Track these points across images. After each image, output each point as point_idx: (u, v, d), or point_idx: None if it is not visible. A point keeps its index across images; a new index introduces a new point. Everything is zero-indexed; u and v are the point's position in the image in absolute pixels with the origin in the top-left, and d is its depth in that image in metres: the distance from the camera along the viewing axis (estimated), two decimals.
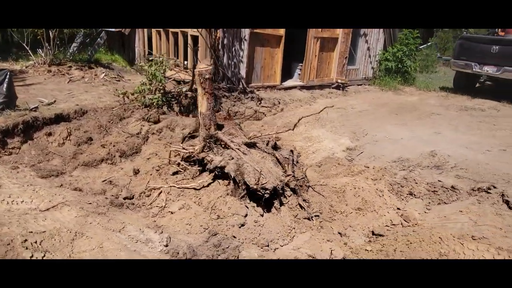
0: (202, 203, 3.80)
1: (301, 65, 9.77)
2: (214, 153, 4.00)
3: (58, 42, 8.46)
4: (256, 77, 8.25)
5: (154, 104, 5.44)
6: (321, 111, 4.12)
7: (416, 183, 4.66)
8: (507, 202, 3.97)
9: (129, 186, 4.18)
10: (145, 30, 9.83)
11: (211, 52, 7.14)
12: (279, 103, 7.97)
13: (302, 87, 9.32)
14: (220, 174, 3.88)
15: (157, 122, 5.45)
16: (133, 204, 3.87)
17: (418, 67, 12.23)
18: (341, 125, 7.22)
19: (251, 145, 4.11)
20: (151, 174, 4.39)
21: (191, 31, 8.29)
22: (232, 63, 7.52)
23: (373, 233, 3.71)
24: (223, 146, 4.02)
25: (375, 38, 11.06)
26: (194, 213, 3.53)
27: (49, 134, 4.82)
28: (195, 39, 8.54)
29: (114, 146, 4.91)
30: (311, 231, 3.72)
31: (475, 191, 4.27)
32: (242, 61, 7.68)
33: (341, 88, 10.12)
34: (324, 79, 9.91)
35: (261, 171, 3.45)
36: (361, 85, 11.14)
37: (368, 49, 10.95)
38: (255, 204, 3.57)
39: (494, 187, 4.20)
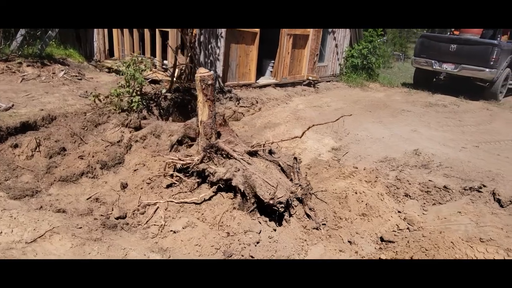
0: (206, 219, 3.52)
1: (273, 62, 9.62)
2: (215, 164, 3.72)
3: (2, 34, 7.47)
4: (231, 75, 7.96)
5: (134, 108, 4.96)
6: (337, 119, 3.97)
7: (410, 183, 4.74)
8: (498, 201, 4.17)
9: (119, 203, 3.76)
10: None
11: (187, 49, 6.72)
12: (257, 102, 7.77)
13: (276, 85, 9.19)
14: (224, 186, 3.61)
15: (138, 128, 4.99)
16: (128, 224, 3.48)
17: (381, 63, 12.65)
18: (322, 125, 7.20)
19: (253, 153, 3.88)
20: (141, 188, 4.00)
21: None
22: (209, 61, 7.16)
23: (382, 240, 3.68)
24: (224, 155, 3.75)
25: (342, 35, 11.22)
26: (201, 232, 3.25)
27: (15, 146, 4.19)
28: (164, 34, 8.03)
29: (93, 156, 4.41)
30: (321, 241, 3.61)
31: (466, 190, 4.44)
32: (218, 59, 7.34)
33: (312, 85, 10.15)
34: (296, 76, 9.87)
35: (277, 186, 3.25)
36: (329, 81, 11.28)
37: (336, 46, 11.10)
38: (267, 219, 3.37)
39: (484, 186, 4.40)
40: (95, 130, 4.89)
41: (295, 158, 3.98)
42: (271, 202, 3.13)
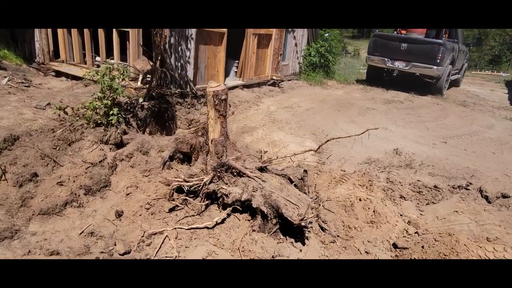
0: (224, 245, 3.24)
1: (237, 62, 9.38)
2: (225, 183, 3.45)
3: None
4: (200, 78, 7.56)
5: (113, 122, 4.41)
6: (362, 133, 3.89)
7: (402, 185, 4.90)
8: (486, 198, 4.48)
9: (119, 235, 3.31)
10: None
11: (156, 52, 6.20)
12: (230, 106, 7.49)
13: (243, 86, 8.97)
14: (238, 207, 3.36)
15: (119, 144, 4.46)
16: (135, 259, 3.08)
17: (337, 61, 13.05)
18: (298, 126, 7.18)
19: (263, 168, 3.67)
20: (140, 215, 3.56)
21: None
22: (179, 64, 6.69)
23: (395, 247, 3.73)
24: (235, 174, 3.48)
25: (300, 34, 11.32)
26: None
27: None
28: (123, 35, 7.36)
29: (74, 181, 3.84)
30: (340, 255, 3.54)
31: (455, 189, 4.70)
32: (189, 62, 6.91)
33: (276, 85, 10.10)
34: (261, 76, 9.73)
35: (299, 204, 3.09)
36: (290, 80, 11.34)
37: (296, 45, 11.16)
38: (292, 240, 3.20)
39: (471, 184, 4.69)
40: (69, 149, 4.27)
41: (305, 170, 3.85)
42: (302, 223, 2.96)
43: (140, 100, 4.88)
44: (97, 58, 8.49)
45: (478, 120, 8.58)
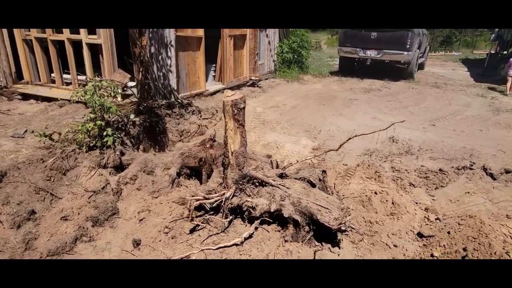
0: None
1: (214, 66, 9.15)
2: (247, 195, 3.27)
3: None
4: (182, 86, 7.28)
5: (109, 143, 4.08)
6: (387, 127, 3.82)
7: (408, 172, 4.94)
8: (491, 175, 4.60)
9: None
10: (6, 34, 7.42)
11: (136, 63, 5.87)
12: (217, 111, 7.27)
13: (225, 90, 8.75)
14: (267, 219, 3.21)
15: (118, 166, 4.14)
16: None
17: (309, 55, 13.12)
18: (289, 125, 7.10)
19: (282, 175, 3.53)
20: (160, 240, 3.31)
21: (87, 38, 6.67)
22: (161, 74, 6.38)
23: (421, 236, 3.72)
24: (257, 184, 3.32)
25: (272, 31, 11.25)
26: None
27: None
28: (93, 47, 6.94)
29: (79, 214, 3.51)
30: (370, 253, 3.48)
31: (460, 170, 4.79)
32: (171, 71, 6.61)
33: (256, 85, 9.97)
34: (240, 78, 9.56)
35: (338, 209, 2.98)
36: (267, 79, 11.25)
37: (269, 43, 11.08)
38: (329, 245, 3.09)
39: (473, 163, 4.81)
40: (65, 179, 3.91)
41: (324, 171, 3.75)
42: (342, 227, 2.86)
43: (132, 116, 4.56)
44: (66, 76, 7.96)
45: (454, 100, 8.91)
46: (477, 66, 17.62)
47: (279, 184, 3.24)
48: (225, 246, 3.14)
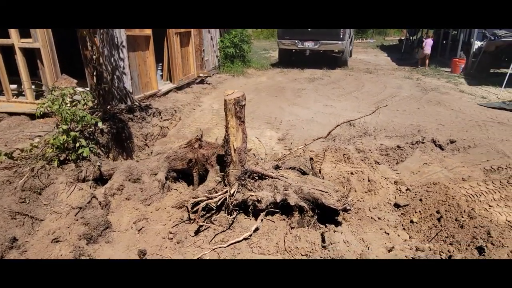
0: (269, 251, 3.20)
1: (161, 65, 8.87)
2: (249, 190, 3.37)
3: None
4: (136, 88, 6.95)
5: (85, 154, 3.79)
6: (373, 112, 4.10)
7: (371, 151, 5.43)
8: (439, 146, 5.29)
9: None
10: None
11: (89, 67, 5.47)
12: (175, 112, 7.12)
13: (177, 89, 8.55)
14: (274, 210, 3.34)
15: (98, 178, 3.89)
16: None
17: (251, 49, 13.31)
18: (250, 119, 7.23)
19: (277, 166, 3.68)
20: (166, 247, 3.25)
21: (20, 43, 6.02)
22: (115, 76, 6.03)
23: (397, 206, 4.17)
24: (256, 178, 3.42)
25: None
26: None
27: None
28: (29, 52, 6.30)
29: (69, 233, 3.25)
30: (362, 227, 3.81)
31: (414, 144, 5.42)
32: (125, 73, 6.27)
33: (204, 82, 9.89)
34: (189, 76, 9.40)
35: (334, 191, 3.23)
36: (213, 75, 11.20)
37: (211, 38, 11.02)
38: (333, 225, 3.34)
39: (424, 138, 5.47)
40: (42, 199, 3.57)
41: (311, 158, 3.98)
42: (347, 207, 3.11)
43: (100, 124, 4.28)
44: None
45: (388, 83, 9.87)
46: (394, 51, 19.57)
47: (279, 176, 3.38)
48: (236, 242, 3.21)
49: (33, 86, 5.67)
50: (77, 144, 3.86)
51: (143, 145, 5.80)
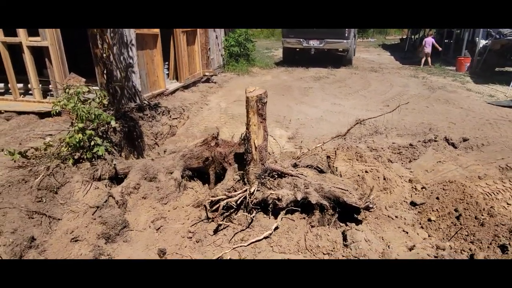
0: (290, 249, 3.17)
1: (167, 64, 8.83)
2: (268, 188, 3.34)
3: None
4: (144, 86, 6.91)
5: (101, 153, 3.76)
6: (393, 110, 4.03)
7: (383, 150, 5.40)
8: (452, 144, 5.26)
9: None
10: None
11: (99, 65, 5.44)
12: (184, 110, 7.08)
13: (183, 88, 8.51)
14: (294, 208, 3.31)
15: (113, 177, 3.86)
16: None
17: (255, 48, 13.27)
18: None
19: (295, 164, 3.65)
20: (186, 246, 3.22)
21: (28, 41, 5.98)
22: (124, 75, 5.98)
23: (414, 204, 4.14)
24: (275, 176, 3.39)
25: None
26: None
27: None
28: (37, 51, 6.26)
29: (87, 232, 3.22)
30: (380, 226, 3.79)
31: (426, 143, 5.39)
32: (134, 72, 6.23)
33: (210, 81, 9.85)
34: (195, 74, 9.36)
35: (348, 189, 3.20)
36: (218, 74, 11.16)
37: (216, 37, 10.98)
38: (353, 224, 3.31)
39: (436, 136, 5.44)
40: (58, 198, 3.54)
41: (328, 156, 3.95)
42: (370, 205, 3.08)
43: (113, 123, 4.24)
44: None
45: (394, 82, 9.84)
46: (397, 50, 19.55)
47: (299, 174, 3.35)
48: (256, 241, 3.18)
49: (40, 85, 5.62)
50: (92, 143, 3.82)
51: (153, 144, 5.76)
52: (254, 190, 3.20)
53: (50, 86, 6.66)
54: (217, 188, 3.40)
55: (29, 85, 6.60)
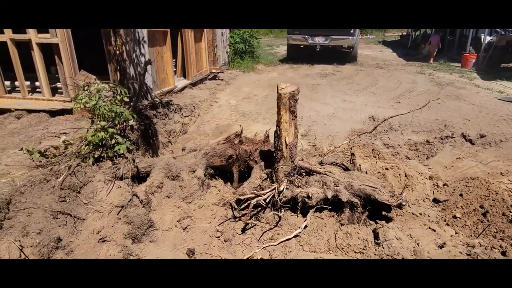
0: (320, 249, 3.14)
1: (174, 61, 8.74)
2: (296, 186, 3.30)
3: None
4: (154, 84, 6.83)
5: (122, 152, 3.70)
6: (423, 106, 4.01)
7: (400, 146, 5.37)
8: (470, 141, 5.23)
9: None
10: None
11: (112, 62, 5.36)
12: (194, 108, 7.01)
13: (191, 85, 8.44)
14: (324, 206, 3.27)
15: (136, 176, 3.80)
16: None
17: (260, 45, 13.19)
18: (270, 115, 7.16)
19: (321, 162, 3.61)
20: (214, 246, 3.17)
21: (37, 38, 5.88)
22: (136, 72, 5.92)
23: (437, 201, 4.11)
24: (303, 174, 3.35)
25: None
26: None
27: None
28: (47, 48, 6.16)
29: (114, 232, 3.17)
30: (405, 224, 3.76)
31: (443, 139, 5.36)
32: (146, 69, 6.15)
33: (217, 78, 9.78)
34: (202, 72, 9.28)
35: (377, 187, 3.16)
36: (224, 71, 11.08)
37: (222, 34, 10.89)
38: (384, 222, 3.27)
39: (453, 132, 5.41)
40: (82, 197, 3.47)
41: (353, 153, 3.91)
42: (403, 203, 3.05)
43: (131, 121, 4.18)
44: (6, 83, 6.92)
45: (402, 78, 9.81)
46: (398, 47, 19.52)
47: (328, 171, 3.31)
48: (286, 240, 3.14)
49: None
50: (113, 141, 3.76)
51: (166, 142, 5.70)
52: (283, 188, 3.16)
53: (57, 83, 6.57)
54: (244, 186, 3.35)
55: (36, 83, 6.51)
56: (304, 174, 3.33)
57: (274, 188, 3.19)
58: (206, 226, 3.32)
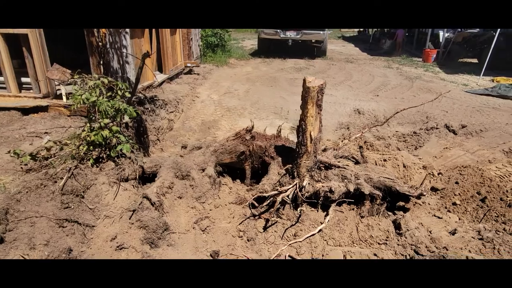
0: (344, 242, 3.15)
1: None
2: (316, 181, 3.28)
3: None
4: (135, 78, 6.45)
5: (125, 151, 3.41)
6: (435, 98, 4.05)
7: (390, 138, 5.56)
8: (453, 131, 5.54)
9: None
10: None
11: (94, 55, 4.96)
12: (178, 103, 6.73)
13: (169, 79, 8.09)
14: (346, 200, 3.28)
15: (141, 177, 3.55)
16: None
17: (231, 38, 12.95)
18: (256, 110, 7.07)
19: (335, 156, 3.61)
20: (238, 246, 3.07)
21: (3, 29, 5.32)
22: (120, 65, 5.53)
23: (435, 190, 4.31)
24: (321, 168, 3.33)
25: None
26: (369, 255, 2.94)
27: None
28: (13, 39, 5.59)
29: (130, 238, 2.93)
30: (413, 212, 3.89)
31: (429, 130, 5.62)
32: (127, 62, 5.76)
33: (192, 72, 9.47)
34: (177, 66, 8.92)
35: (396, 178, 3.23)
36: (198, 66, 10.76)
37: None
38: (402, 212, 3.36)
39: (437, 123, 5.70)
40: (87, 202, 3.18)
41: (361, 146, 3.96)
42: (424, 193, 3.14)
43: (126, 118, 3.89)
44: None
45: (373, 73, 10.17)
46: (359, 42, 20.21)
47: (345, 165, 3.32)
48: (311, 235, 3.11)
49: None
50: (114, 140, 3.47)
51: (155, 139, 5.42)
52: (306, 184, 3.11)
53: (23, 78, 5.96)
54: (264, 183, 3.26)
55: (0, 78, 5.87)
56: (323, 168, 3.32)
57: (296, 184, 3.14)
58: (227, 226, 3.19)
